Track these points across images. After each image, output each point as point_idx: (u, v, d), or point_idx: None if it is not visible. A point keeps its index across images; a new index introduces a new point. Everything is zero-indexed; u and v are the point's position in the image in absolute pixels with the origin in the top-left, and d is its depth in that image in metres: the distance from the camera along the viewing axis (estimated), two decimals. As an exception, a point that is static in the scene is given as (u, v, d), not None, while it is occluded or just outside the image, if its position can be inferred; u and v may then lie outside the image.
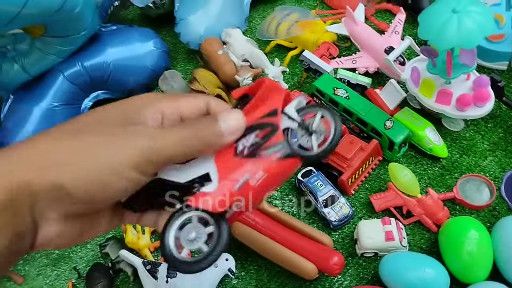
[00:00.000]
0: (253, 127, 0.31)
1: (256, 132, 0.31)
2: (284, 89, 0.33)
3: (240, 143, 0.31)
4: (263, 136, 0.31)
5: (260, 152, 0.30)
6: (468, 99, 0.73)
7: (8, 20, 0.71)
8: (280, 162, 0.30)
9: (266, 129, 0.31)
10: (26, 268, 0.81)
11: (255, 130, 0.31)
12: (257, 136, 0.31)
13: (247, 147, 0.31)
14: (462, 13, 0.65)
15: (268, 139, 0.31)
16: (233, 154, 0.31)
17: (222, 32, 0.96)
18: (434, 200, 0.70)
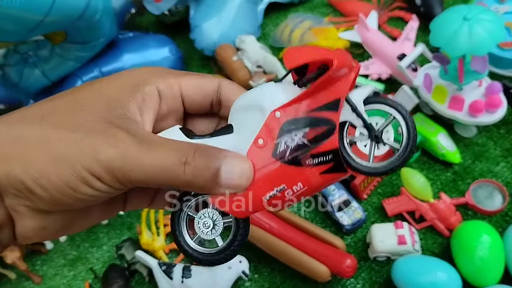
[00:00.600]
0: (304, 120, 0.25)
1: (305, 130, 0.25)
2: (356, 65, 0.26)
3: (282, 140, 0.25)
4: (314, 137, 0.25)
5: (306, 160, 0.25)
6: (480, 105, 0.74)
7: (32, 27, 0.74)
8: (328, 175, 0.25)
9: (319, 127, 0.25)
10: (44, 268, 0.83)
11: (305, 126, 0.25)
12: (306, 136, 0.25)
13: (290, 149, 0.25)
14: (473, 21, 0.66)
15: (320, 144, 0.25)
16: (271, 152, 0.25)
17: (236, 39, 0.98)
18: (446, 204, 0.71)
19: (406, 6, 1.00)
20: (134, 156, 0.23)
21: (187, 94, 0.28)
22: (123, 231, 0.84)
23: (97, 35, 0.89)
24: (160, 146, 0.24)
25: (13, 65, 0.90)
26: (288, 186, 0.25)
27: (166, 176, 0.23)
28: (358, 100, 0.26)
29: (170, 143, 0.24)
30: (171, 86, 0.27)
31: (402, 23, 0.98)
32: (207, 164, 0.24)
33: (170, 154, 0.23)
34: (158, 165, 0.23)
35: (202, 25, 1.02)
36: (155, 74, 0.27)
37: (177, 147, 0.24)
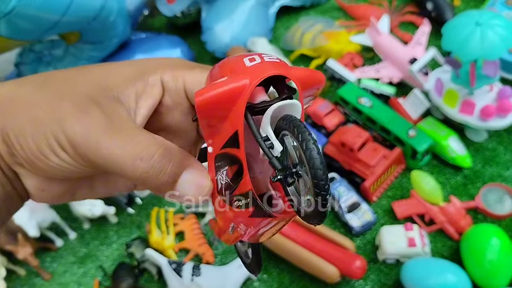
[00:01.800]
0: (221, 157, 0.23)
1: (226, 167, 0.23)
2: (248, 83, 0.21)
3: (218, 177, 0.24)
4: (232, 176, 0.23)
5: (234, 202, 0.23)
6: (491, 110, 0.74)
7: (48, 27, 0.75)
8: (258, 219, 0.22)
9: (233, 166, 0.22)
10: (53, 265, 0.84)
11: (225, 164, 0.23)
12: (228, 175, 0.23)
13: (223, 187, 0.23)
14: (485, 25, 0.67)
15: (237, 184, 0.22)
16: (217, 190, 0.24)
17: (247, 41, 0.98)
18: (456, 208, 0.71)
19: (417, 10, 1.00)
20: (95, 138, 0.23)
21: (190, 89, 0.27)
22: (132, 230, 0.85)
23: (111, 36, 0.91)
24: (125, 136, 0.23)
25: (28, 64, 0.92)
26: (236, 225, 0.23)
27: (118, 166, 0.23)
28: (265, 121, 0.21)
29: (138, 136, 0.23)
30: (176, 79, 0.26)
31: (413, 28, 0.99)
32: (165, 169, 0.23)
33: (129, 147, 0.22)
34: (113, 153, 0.22)
35: (213, 27, 1.03)
36: (163, 64, 0.27)
37: (141, 141, 0.23)
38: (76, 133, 0.23)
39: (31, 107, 0.23)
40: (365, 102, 0.81)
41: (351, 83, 0.85)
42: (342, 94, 0.83)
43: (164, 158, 0.23)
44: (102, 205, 0.81)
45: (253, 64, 0.21)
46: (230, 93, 0.20)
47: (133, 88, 0.25)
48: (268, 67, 0.21)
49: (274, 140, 0.20)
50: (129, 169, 0.22)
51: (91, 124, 0.23)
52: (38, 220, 0.79)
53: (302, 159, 0.19)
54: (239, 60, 0.21)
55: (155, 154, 0.22)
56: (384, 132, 0.79)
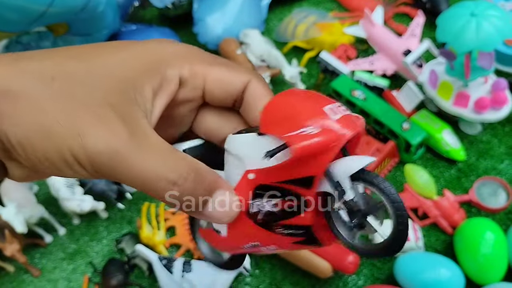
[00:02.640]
0: (275, 189, 0.23)
1: (276, 199, 0.23)
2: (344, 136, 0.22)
3: (254, 203, 0.24)
4: (284, 209, 0.23)
5: (276, 228, 0.24)
6: (486, 102, 0.73)
7: (34, 18, 0.73)
8: (301, 245, 0.24)
9: (290, 201, 0.23)
10: (43, 262, 0.82)
11: (276, 196, 0.23)
12: (276, 206, 0.23)
13: (261, 213, 0.24)
14: (480, 16, 0.66)
15: (290, 217, 0.23)
16: (246, 211, 0.24)
17: (239, 33, 0.97)
18: (450, 202, 0.70)
19: (411, 2, 0.99)
20: (123, 159, 0.21)
21: (211, 89, 0.25)
22: (123, 225, 0.83)
23: (100, 27, 0.89)
24: (155, 155, 0.22)
25: (15, 56, 0.90)
26: (262, 244, 0.25)
27: (151, 189, 0.22)
28: (342, 175, 0.22)
29: (169, 156, 0.22)
30: (195, 76, 0.25)
31: (407, 19, 0.97)
32: (194, 194, 0.22)
33: (161, 169, 0.22)
34: (144, 176, 0.21)
35: (205, 18, 1.01)
36: (181, 55, 0.25)
37: (174, 164, 0.22)
38: (101, 152, 0.21)
39: (40, 112, 0.21)
40: (359, 95, 0.80)
41: (344, 76, 0.84)
42: (335, 87, 0.82)
43: (196, 183, 0.22)
44: (91, 200, 0.80)
45: (338, 118, 0.22)
46: (325, 145, 0.22)
47: (150, 84, 0.23)
48: (351, 122, 0.23)
49: (349, 188, 0.22)
50: (160, 192, 0.22)
51: (116, 142, 0.21)
52: (26, 216, 0.78)
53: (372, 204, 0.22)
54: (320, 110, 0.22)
55: (188, 178, 0.22)
56: (377, 125, 0.78)
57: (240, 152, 0.24)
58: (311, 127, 0.22)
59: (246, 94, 0.26)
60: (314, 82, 0.93)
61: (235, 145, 0.25)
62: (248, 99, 0.26)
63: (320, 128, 0.22)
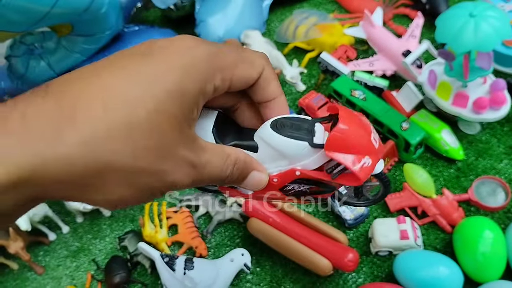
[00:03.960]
0: (312, 181, 0.31)
1: (311, 186, 0.31)
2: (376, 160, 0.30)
3: (291, 185, 0.31)
4: (316, 191, 0.32)
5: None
6: (485, 102, 0.74)
7: (38, 19, 0.74)
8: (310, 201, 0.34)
9: (322, 188, 0.32)
10: (46, 259, 0.83)
11: (311, 184, 0.31)
12: (310, 189, 0.32)
13: (294, 190, 0.32)
14: (479, 17, 0.66)
15: (317, 194, 0.32)
16: (279, 188, 0.32)
17: (241, 34, 0.98)
18: (449, 200, 0.71)
19: (411, 3, 1.00)
20: (200, 178, 0.27)
21: (234, 85, 0.29)
22: (125, 223, 0.84)
23: (103, 28, 0.90)
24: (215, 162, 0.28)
25: (19, 56, 0.91)
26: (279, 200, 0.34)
27: (214, 182, 0.29)
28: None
29: (220, 156, 0.28)
30: (225, 82, 0.27)
31: (407, 20, 0.98)
32: (240, 174, 0.29)
33: (221, 168, 0.28)
34: (213, 178, 0.28)
35: (207, 20, 1.02)
36: (214, 66, 0.26)
37: (224, 160, 0.28)
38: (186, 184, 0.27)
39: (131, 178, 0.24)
40: (359, 95, 0.81)
41: (344, 76, 0.85)
42: (335, 87, 0.82)
43: (240, 169, 0.29)
44: (95, 198, 0.81)
45: (377, 147, 0.30)
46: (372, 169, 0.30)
47: (196, 107, 0.26)
48: (381, 148, 0.31)
49: None
50: (223, 178, 0.29)
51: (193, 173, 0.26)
52: (30, 213, 0.79)
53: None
54: (369, 140, 0.29)
55: (234, 168, 0.29)
56: (377, 124, 0.79)
57: (286, 151, 0.30)
58: (367, 158, 0.29)
59: (261, 83, 0.30)
60: (315, 83, 0.93)
61: (279, 143, 0.30)
62: (259, 82, 0.30)
63: (371, 158, 0.29)
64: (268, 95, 0.31)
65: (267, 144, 0.30)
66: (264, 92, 0.31)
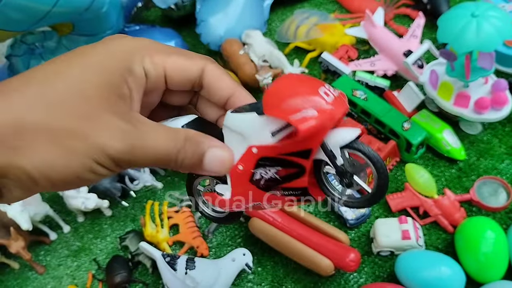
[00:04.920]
0: (277, 160, 0.27)
1: (278, 168, 0.27)
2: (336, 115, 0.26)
3: (257, 171, 0.28)
4: (285, 175, 0.28)
5: (277, 191, 0.28)
6: (486, 103, 0.74)
7: (39, 18, 0.74)
8: (295, 203, 0.29)
9: (290, 168, 0.27)
10: (47, 259, 0.83)
11: (278, 165, 0.27)
12: (278, 173, 0.28)
13: (264, 179, 0.28)
14: (481, 17, 0.66)
15: (290, 181, 0.28)
16: (249, 178, 0.28)
17: (241, 34, 0.98)
18: (450, 200, 0.71)
19: (412, 3, 1.00)
20: (139, 148, 0.25)
21: (170, 76, 0.29)
22: (126, 223, 0.84)
23: (104, 27, 0.89)
24: (157, 134, 0.26)
25: (20, 56, 0.90)
26: (262, 203, 0.29)
27: (164, 162, 0.27)
28: (335, 145, 0.26)
29: (164, 131, 0.27)
30: (156, 66, 0.28)
31: (408, 20, 0.98)
32: (194, 153, 0.27)
33: (167, 144, 0.26)
34: (160, 154, 0.26)
35: (208, 19, 1.02)
36: (142, 49, 0.28)
37: (171, 136, 0.27)
38: (119, 150, 0.25)
39: (54, 140, 0.24)
40: (360, 95, 0.81)
41: (346, 76, 0.85)
42: (336, 87, 0.82)
43: (191, 144, 0.27)
44: (96, 198, 0.81)
45: (331, 100, 0.26)
46: (326, 124, 0.26)
47: (125, 84, 0.27)
48: (342, 102, 0.27)
49: (339, 155, 0.26)
50: (172, 161, 0.27)
51: (127, 137, 0.25)
52: (31, 213, 0.79)
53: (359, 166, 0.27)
54: (317, 93, 0.26)
55: (185, 143, 0.27)
56: (378, 124, 0.79)
57: (241, 129, 0.28)
58: (311, 109, 0.25)
59: (204, 77, 0.29)
60: (316, 82, 0.93)
61: (234, 123, 0.28)
62: (208, 81, 0.29)
63: (317, 110, 0.25)
64: (222, 93, 0.30)
65: (228, 128, 0.28)
66: (217, 90, 0.30)
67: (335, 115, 0.26)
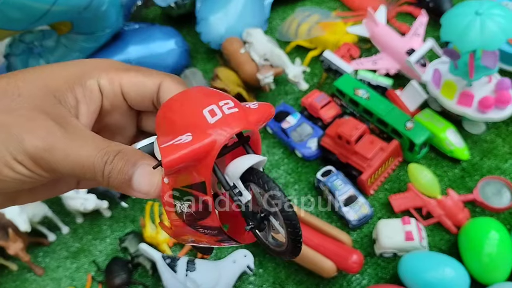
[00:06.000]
0: (184, 193, 0.24)
1: (189, 202, 0.24)
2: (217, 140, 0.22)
3: (177, 204, 0.25)
4: (196, 211, 0.24)
5: (199, 228, 0.25)
6: (490, 102, 0.73)
7: (38, 17, 0.73)
8: (223, 243, 0.25)
9: (198, 203, 0.24)
10: (46, 260, 0.82)
11: (188, 199, 0.24)
12: (191, 207, 0.24)
13: (184, 213, 0.25)
14: (485, 15, 0.65)
15: (203, 218, 0.24)
16: (175, 211, 0.25)
17: (242, 32, 0.97)
18: (454, 201, 0.70)
19: (415, 1, 0.99)
20: (61, 149, 0.24)
21: (127, 92, 0.28)
22: (126, 224, 0.83)
23: (103, 26, 0.88)
24: (87, 142, 0.25)
25: (18, 55, 0.90)
26: (197, 241, 0.26)
27: (89, 172, 0.25)
28: (234, 178, 0.23)
29: (98, 141, 0.25)
30: (112, 82, 0.27)
31: (411, 18, 0.97)
32: (122, 168, 0.25)
33: (95, 152, 0.24)
34: (83, 160, 0.24)
35: (208, 18, 1.01)
36: (99, 67, 0.27)
37: (102, 146, 0.25)
38: (38, 147, 0.24)
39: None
40: (362, 94, 0.80)
41: (347, 75, 0.84)
42: (338, 86, 0.82)
43: (120, 160, 0.25)
44: (95, 199, 0.80)
45: (216, 120, 0.22)
46: (199, 152, 0.22)
47: (72, 94, 0.26)
48: (231, 122, 0.22)
49: (243, 190, 0.23)
50: (99, 173, 0.24)
51: (51, 139, 0.24)
52: (29, 214, 0.78)
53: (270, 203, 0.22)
54: (199, 114, 0.22)
55: (115, 157, 0.25)
56: (381, 124, 0.78)
57: (158, 156, 0.24)
58: (187, 135, 0.22)
59: (161, 93, 0.28)
60: (317, 81, 0.92)
61: (155, 148, 0.25)
62: (163, 98, 0.27)
63: (193, 134, 0.22)
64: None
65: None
66: None
67: (213, 142, 0.22)
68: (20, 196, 0.28)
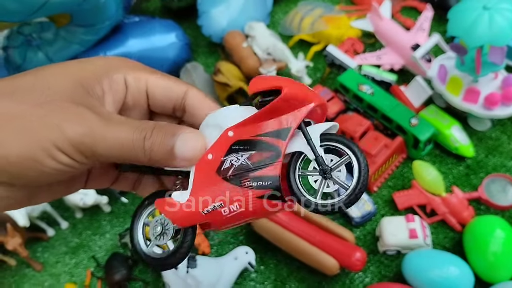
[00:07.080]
0: (251, 143, 0.26)
1: (251, 152, 0.25)
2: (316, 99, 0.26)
3: (228, 158, 0.26)
4: (258, 160, 0.25)
5: (246, 181, 0.25)
6: (496, 98, 0.72)
7: (36, 8, 0.71)
8: (266, 202, 0.25)
9: (264, 152, 0.25)
10: (45, 256, 0.82)
11: (251, 149, 0.26)
12: (251, 158, 0.25)
13: (234, 168, 0.26)
14: (493, 10, 0.64)
15: (262, 167, 0.25)
16: (216, 168, 0.26)
17: (244, 26, 0.95)
18: (458, 198, 0.69)
19: (419, -5, 0.98)
20: (100, 133, 0.25)
21: (152, 92, 0.29)
22: (126, 219, 0.82)
23: (102, 18, 0.87)
24: (122, 124, 0.25)
25: (16, 47, 0.88)
26: (225, 203, 0.26)
27: (129, 150, 0.25)
28: (315, 134, 0.26)
29: (131, 121, 0.26)
30: (139, 80, 0.28)
31: (416, 13, 0.96)
32: (163, 140, 0.26)
33: (132, 131, 0.25)
34: (122, 140, 0.25)
35: (210, 11, 0.99)
36: (126, 65, 0.28)
37: (137, 125, 0.26)
38: (80, 134, 0.24)
39: (12, 121, 0.24)
40: (366, 90, 0.79)
41: (351, 70, 0.83)
42: (342, 81, 0.80)
43: (159, 133, 0.26)
44: (94, 194, 0.79)
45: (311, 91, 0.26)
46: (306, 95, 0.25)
47: (99, 85, 0.27)
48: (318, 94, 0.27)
49: (319, 147, 0.25)
50: (140, 150, 0.25)
51: (89, 123, 0.24)
52: (28, 209, 0.77)
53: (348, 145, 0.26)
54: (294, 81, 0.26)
55: (152, 132, 0.25)
56: (385, 120, 0.77)
57: (220, 120, 0.27)
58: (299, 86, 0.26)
59: (188, 100, 0.29)
60: (321, 76, 0.91)
61: (215, 117, 0.27)
62: (192, 103, 0.29)
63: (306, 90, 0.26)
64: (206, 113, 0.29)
65: (204, 125, 0.28)
66: (201, 112, 0.29)
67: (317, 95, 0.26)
68: (38, 194, 0.28)
